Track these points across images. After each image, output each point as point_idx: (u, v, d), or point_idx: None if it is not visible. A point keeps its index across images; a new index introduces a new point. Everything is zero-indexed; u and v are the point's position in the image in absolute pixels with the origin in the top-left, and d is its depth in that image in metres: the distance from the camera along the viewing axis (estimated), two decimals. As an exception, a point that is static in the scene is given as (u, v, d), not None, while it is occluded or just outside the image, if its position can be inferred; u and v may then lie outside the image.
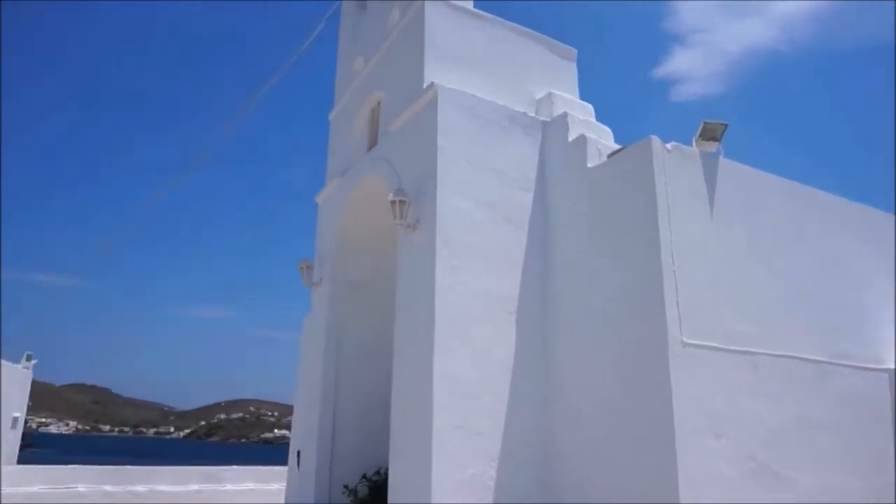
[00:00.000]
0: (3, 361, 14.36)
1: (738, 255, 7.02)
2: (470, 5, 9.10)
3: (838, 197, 8.35)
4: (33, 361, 15.95)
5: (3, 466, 13.09)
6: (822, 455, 6.76)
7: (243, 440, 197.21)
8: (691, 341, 6.28)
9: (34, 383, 16.00)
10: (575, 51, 9.82)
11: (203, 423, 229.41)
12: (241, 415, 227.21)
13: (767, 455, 6.37)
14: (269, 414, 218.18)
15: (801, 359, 6.99)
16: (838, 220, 8.17)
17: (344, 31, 12.10)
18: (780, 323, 7.04)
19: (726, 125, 7.46)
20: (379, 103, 9.87)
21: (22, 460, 14.86)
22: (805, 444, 6.69)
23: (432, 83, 7.84)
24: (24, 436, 15.95)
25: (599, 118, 9.13)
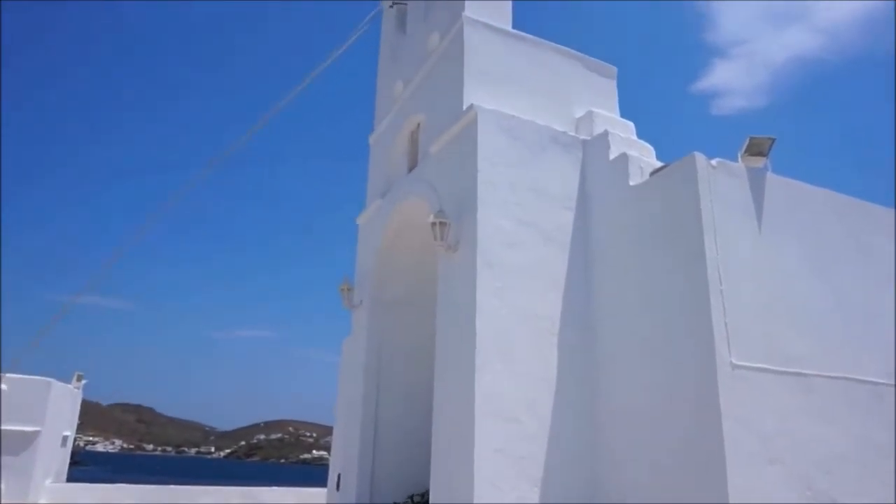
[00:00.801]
0: (55, 381, 14.74)
1: (790, 272, 6.80)
2: (508, 26, 9.15)
3: (889, 208, 8.05)
4: (83, 381, 16.35)
5: (52, 484, 13.41)
6: (883, 482, 6.45)
7: (282, 461, 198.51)
8: (741, 363, 6.08)
9: (83, 402, 16.39)
10: (615, 68, 9.77)
11: (243, 443, 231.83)
12: (280, 435, 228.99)
13: (825, 482, 6.10)
14: (308, 435, 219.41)
15: (858, 380, 6.70)
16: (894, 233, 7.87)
17: (384, 55, 12.28)
18: (835, 343, 6.77)
19: (773, 140, 7.28)
20: (419, 125, 9.95)
21: (70, 478, 15.18)
22: (865, 471, 6.38)
23: (472, 105, 7.87)
24: (73, 454, 16.30)
25: (640, 134, 9.05)
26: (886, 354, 7.06)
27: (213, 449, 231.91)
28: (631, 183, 7.50)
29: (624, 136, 8.30)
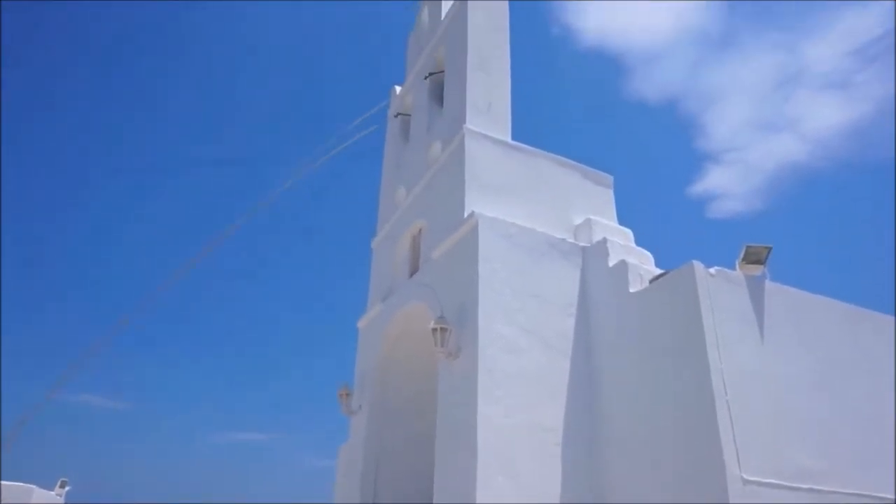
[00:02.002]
0: (36, 488, 14.16)
1: (797, 383, 6.70)
2: (508, 137, 9.51)
3: (887, 315, 8.02)
4: (67, 488, 15.72)
5: None
6: None
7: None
8: (752, 478, 5.87)
9: (66, 510, 15.65)
10: (611, 177, 10.06)
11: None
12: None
13: None
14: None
15: (874, 497, 6.44)
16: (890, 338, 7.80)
17: (387, 162, 12.70)
18: (849, 457, 6.56)
19: (770, 248, 7.38)
20: (420, 231, 10.13)
21: None
22: None
23: (473, 212, 8.05)
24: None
25: (637, 237, 9.20)
26: (891, 469, 6.83)
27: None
28: (631, 290, 7.54)
29: (623, 244, 8.43)
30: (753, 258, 7.36)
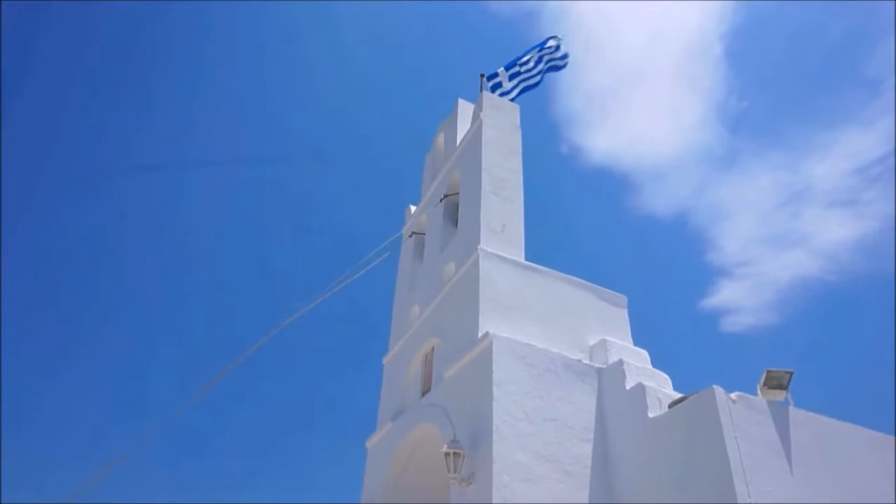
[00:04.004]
0: None
1: (830, 520, 6.33)
2: (521, 257, 9.65)
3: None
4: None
5: None
6: None
7: None
8: None
9: None
10: (625, 298, 10.07)
11: None
12: None
13: None
14: None
15: None
16: None
17: (401, 281, 12.84)
18: None
19: (792, 373, 7.24)
20: (433, 349, 10.06)
21: None
22: None
23: (487, 332, 8.02)
24: None
25: (653, 352, 9.09)
26: None
27: None
28: (650, 415, 7.33)
29: (639, 366, 8.29)
30: (775, 383, 7.20)
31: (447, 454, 7.30)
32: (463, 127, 12.59)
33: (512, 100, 12.20)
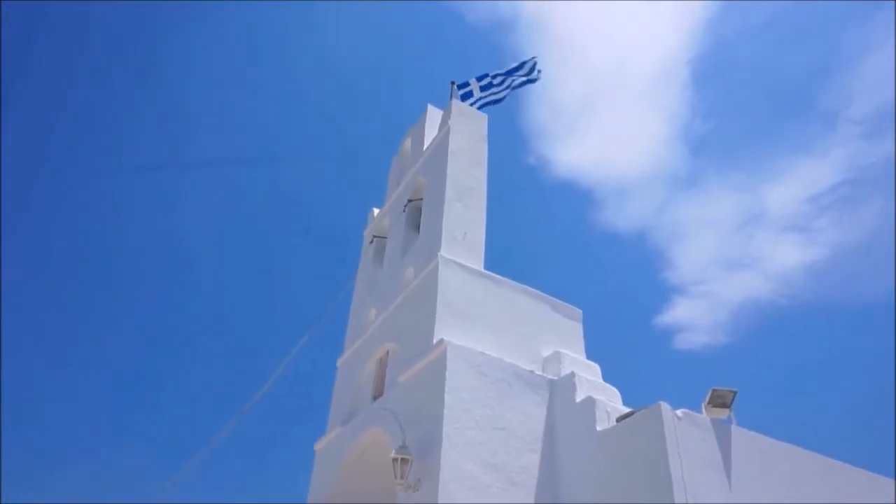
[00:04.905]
0: None
1: (764, 537, 6.49)
2: (480, 266, 9.69)
3: (858, 468, 7.93)
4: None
5: None
6: None
7: None
8: None
9: None
10: (580, 311, 10.19)
11: None
12: None
13: None
14: None
15: None
16: (852, 489, 7.66)
17: (360, 283, 12.76)
18: None
19: (736, 392, 7.41)
20: (388, 353, 10.01)
21: None
22: None
23: (442, 339, 8.03)
24: None
25: (605, 367, 9.23)
26: None
27: None
28: (598, 428, 7.43)
29: (590, 379, 8.40)
30: (719, 402, 7.37)
31: (395, 460, 7.26)
32: (431, 133, 12.61)
33: (479, 110, 12.28)
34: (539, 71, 13.28)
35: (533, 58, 13.37)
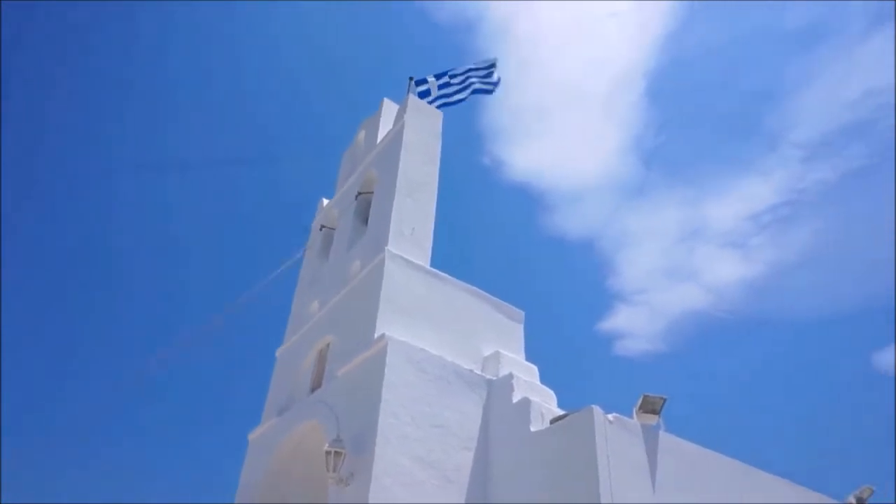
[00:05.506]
0: None
1: (683, 540, 6.72)
2: (427, 263, 9.70)
3: (778, 477, 8.29)
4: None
5: None
6: None
7: None
8: None
9: None
10: (522, 313, 10.31)
11: None
12: None
13: None
14: None
15: None
16: (771, 497, 8.00)
17: (304, 274, 12.60)
18: None
19: (665, 399, 7.64)
20: (329, 346, 9.92)
21: None
22: None
23: (383, 334, 8.01)
24: None
25: (545, 369, 9.37)
26: None
27: None
28: (532, 429, 7.54)
29: (528, 380, 8.52)
30: (650, 407, 7.58)
31: (328, 453, 7.21)
32: (385, 126, 12.55)
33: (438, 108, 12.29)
34: (497, 80, 13.26)
35: (493, 59, 13.39)
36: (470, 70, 13.08)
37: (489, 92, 13.22)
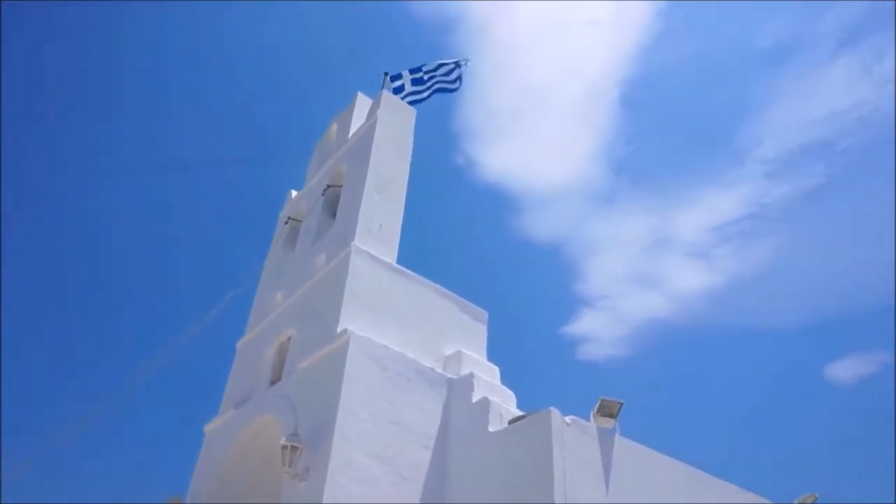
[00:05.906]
0: None
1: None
2: (393, 260, 9.67)
3: (728, 483, 8.47)
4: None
5: None
6: None
7: None
8: None
9: None
10: (486, 313, 10.34)
11: None
12: None
13: None
14: None
15: None
16: (720, 501, 8.17)
17: (269, 265, 12.45)
18: None
19: (622, 403, 7.75)
20: (290, 339, 9.82)
21: None
22: None
23: (346, 329, 7.96)
24: None
25: (507, 370, 9.41)
26: None
27: None
28: (490, 429, 7.59)
29: (488, 381, 8.56)
30: (606, 411, 7.69)
31: (284, 447, 7.15)
32: (358, 121, 12.48)
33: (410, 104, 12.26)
34: (460, 78, 13.28)
35: (461, 59, 13.39)
36: (441, 65, 13.10)
37: (453, 90, 13.25)
